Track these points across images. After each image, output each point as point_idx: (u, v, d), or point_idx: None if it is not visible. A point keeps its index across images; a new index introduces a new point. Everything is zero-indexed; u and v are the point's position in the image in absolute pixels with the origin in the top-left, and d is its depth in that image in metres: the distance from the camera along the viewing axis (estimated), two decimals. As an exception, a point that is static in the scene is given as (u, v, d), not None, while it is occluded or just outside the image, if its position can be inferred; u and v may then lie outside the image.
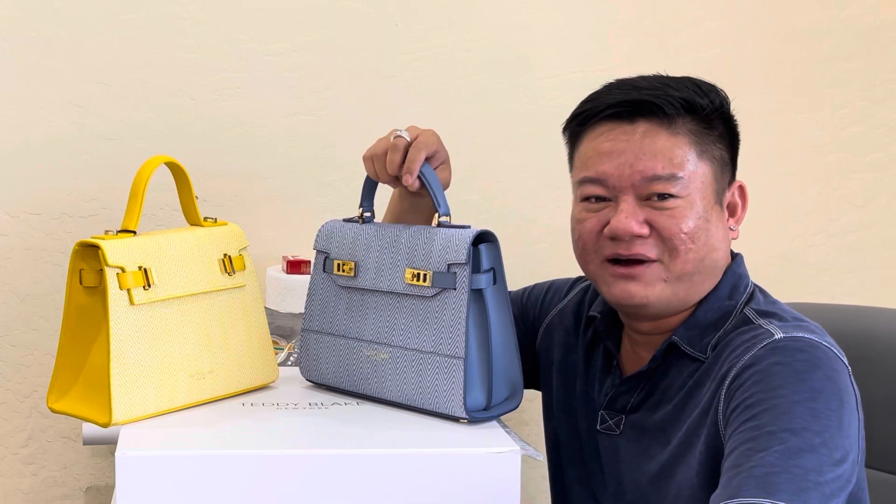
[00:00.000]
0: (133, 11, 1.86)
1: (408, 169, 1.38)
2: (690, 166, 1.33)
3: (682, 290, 1.36)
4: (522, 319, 1.58)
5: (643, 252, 1.33)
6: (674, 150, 1.33)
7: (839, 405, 1.22)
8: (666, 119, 1.33)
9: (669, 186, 1.32)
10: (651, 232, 1.33)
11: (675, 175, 1.32)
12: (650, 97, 1.34)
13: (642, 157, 1.33)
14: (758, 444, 1.17)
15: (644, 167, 1.33)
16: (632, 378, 1.41)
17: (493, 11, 1.98)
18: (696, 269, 1.35)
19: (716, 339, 1.35)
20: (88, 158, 1.87)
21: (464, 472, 1.24)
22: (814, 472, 1.14)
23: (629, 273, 1.35)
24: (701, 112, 1.34)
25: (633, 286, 1.35)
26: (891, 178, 2.13)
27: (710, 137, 1.35)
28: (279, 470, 1.22)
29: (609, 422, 1.42)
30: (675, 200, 1.33)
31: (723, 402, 1.27)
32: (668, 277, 1.34)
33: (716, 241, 1.36)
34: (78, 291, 1.36)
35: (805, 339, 1.28)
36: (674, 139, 1.33)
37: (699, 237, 1.33)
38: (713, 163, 1.36)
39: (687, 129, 1.34)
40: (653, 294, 1.34)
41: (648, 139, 1.33)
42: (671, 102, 1.33)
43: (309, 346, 1.48)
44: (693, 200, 1.33)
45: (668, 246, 1.33)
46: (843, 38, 2.09)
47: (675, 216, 1.32)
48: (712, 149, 1.36)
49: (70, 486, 1.93)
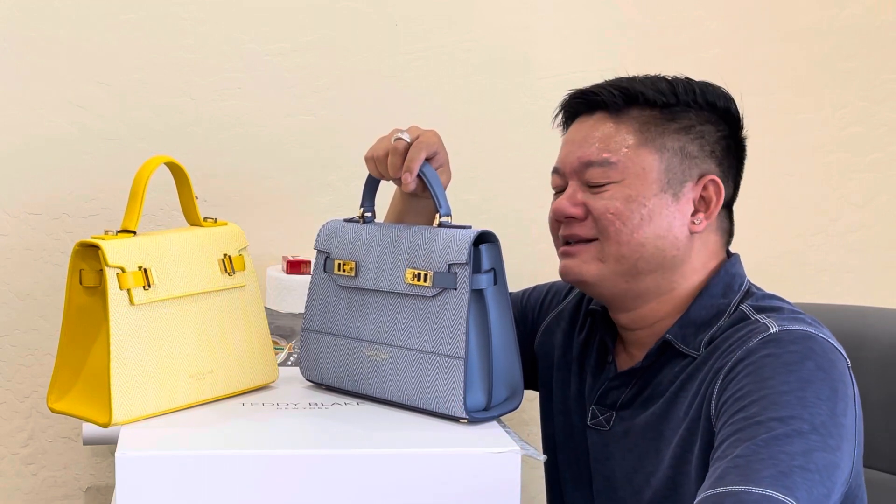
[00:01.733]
0: (133, 11, 1.86)
1: (407, 168, 1.38)
2: (627, 152, 1.38)
3: (625, 274, 1.38)
4: (522, 321, 1.59)
5: (578, 233, 1.40)
6: (613, 138, 1.39)
7: (831, 394, 1.21)
8: (614, 109, 1.40)
9: (602, 173, 1.39)
10: (588, 215, 1.39)
11: (607, 161, 1.38)
12: (596, 89, 1.42)
13: (584, 144, 1.41)
14: (745, 433, 1.17)
15: (582, 154, 1.40)
16: (624, 374, 1.42)
17: (493, 11, 1.98)
18: (635, 254, 1.37)
19: (709, 337, 1.36)
20: (88, 158, 1.87)
21: (464, 472, 1.24)
22: (801, 456, 1.13)
23: (567, 251, 1.42)
24: (646, 102, 1.39)
25: (569, 262, 1.41)
26: (891, 178, 2.13)
27: (664, 128, 1.39)
28: (279, 470, 1.22)
29: (599, 417, 1.43)
30: (611, 185, 1.38)
31: (715, 396, 1.28)
32: (604, 258, 1.39)
33: (660, 230, 1.37)
34: (78, 291, 1.36)
35: (799, 331, 1.28)
36: (616, 127, 1.40)
37: (631, 220, 1.37)
38: (663, 153, 1.38)
39: (634, 119, 1.40)
40: (588, 272, 1.40)
41: (596, 128, 1.41)
42: (611, 93, 1.41)
43: (309, 346, 1.48)
44: (628, 185, 1.38)
45: (600, 227, 1.38)
46: (843, 38, 2.09)
47: (606, 198, 1.38)
48: (664, 139, 1.38)
49: (70, 486, 1.93)
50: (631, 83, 1.41)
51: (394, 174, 1.41)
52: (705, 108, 1.40)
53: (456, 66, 1.97)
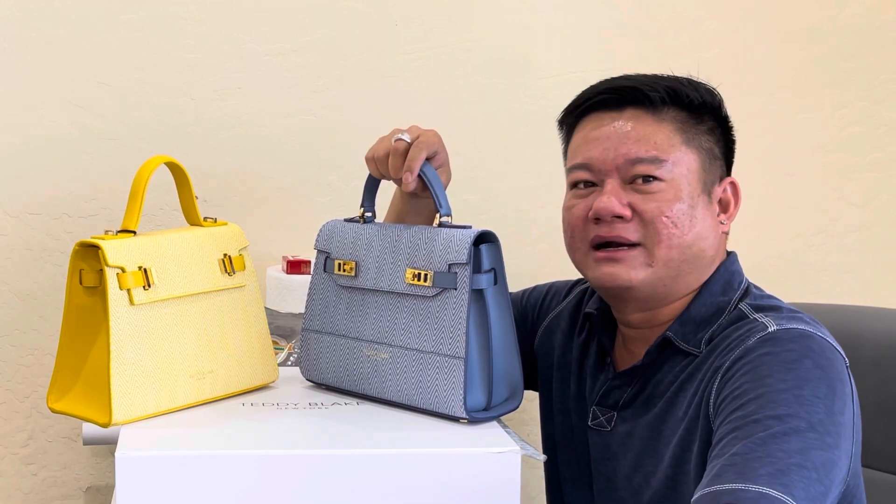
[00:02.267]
0: (133, 11, 1.86)
1: (408, 168, 1.38)
2: (675, 151, 1.36)
3: (669, 277, 1.36)
4: (522, 321, 1.58)
5: (624, 235, 1.35)
6: (658, 135, 1.36)
7: (829, 392, 1.21)
8: (651, 106, 1.37)
9: (653, 169, 1.35)
10: (633, 216, 1.35)
11: (658, 158, 1.35)
12: (636, 84, 1.38)
13: (626, 141, 1.36)
14: (742, 431, 1.17)
15: (628, 150, 1.36)
16: (625, 373, 1.41)
17: (493, 11, 1.98)
18: (682, 257, 1.35)
19: (710, 334, 1.36)
20: (88, 158, 1.87)
21: (464, 472, 1.24)
22: (798, 454, 1.13)
23: (612, 256, 1.36)
24: (687, 102, 1.37)
25: (615, 268, 1.36)
26: (891, 178, 2.13)
27: (697, 129, 1.38)
28: (279, 470, 1.22)
29: (601, 418, 1.43)
30: (659, 184, 1.35)
31: (714, 394, 1.28)
32: (653, 262, 1.35)
33: (702, 230, 1.37)
34: (78, 291, 1.36)
35: (797, 330, 1.28)
36: (658, 125, 1.37)
37: (682, 222, 1.34)
38: (700, 152, 1.38)
39: (672, 117, 1.37)
40: (636, 277, 1.35)
41: (633, 125, 1.37)
42: (656, 89, 1.37)
43: (309, 345, 1.48)
44: (677, 185, 1.35)
45: (650, 230, 1.34)
46: (843, 38, 2.09)
47: (658, 200, 1.34)
48: (700, 139, 1.38)
49: (70, 486, 1.93)
50: (666, 81, 1.39)
51: (394, 175, 1.41)
52: (715, 109, 1.41)
53: (456, 66, 1.97)
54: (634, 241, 1.35)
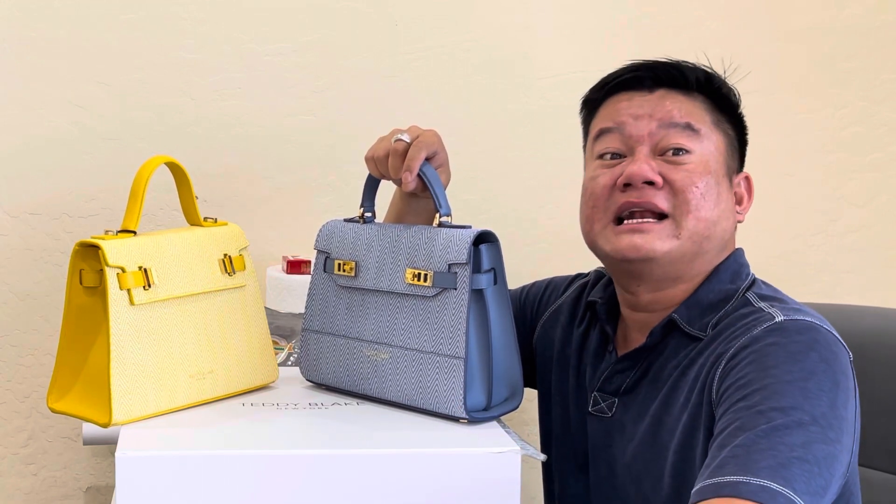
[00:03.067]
0: (133, 11, 1.86)
1: (407, 168, 1.38)
2: (706, 127, 1.37)
3: (691, 253, 1.36)
4: (521, 317, 1.59)
5: (655, 202, 1.34)
6: (692, 110, 1.38)
7: (833, 386, 1.21)
8: (684, 88, 1.39)
9: (685, 138, 1.36)
10: (664, 185, 1.35)
11: (691, 125, 1.36)
12: (672, 64, 1.40)
13: (660, 109, 1.37)
14: (745, 423, 1.17)
15: (662, 116, 1.37)
16: (628, 356, 1.41)
17: (493, 11, 1.98)
18: (706, 232, 1.36)
19: (716, 319, 1.36)
20: (88, 158, 1.87)
21: (464, 472, 1.24)
22: (800, 447, 1.13)
23: (637, 227, 1.35)
24: (716, 89, 1.40)
25: (639, 238, 1.35)
26: (891, 178, 2.13)
27: (723, 115, 1.40)
28: (279, 470, 1.22)
29: (601, 404, 1.43)
30: (689, 156, 1.36)
31: (717, 381, 1.28)
32: (680, 234, 1.35)
33: (725, 211, 1.38)
34: (78, 291, 1.36)
35: (804, 322, 1.29)
36: (692, 102, 1.38)
37: (710, 197, 1.35)
38: (727, 136, 1.40)
39: (702, 101, 1.39)
40: (661, 248, 1.34)
41: (667, 100, 1.38)
42: (692, 71, 1.39)
43: (309, 345, 1.48)
44: (706, 161, 1.36)
45: (681, 199, 1.34)
46: (843, 38, 2.09)
47: (690, 170, 1.35)
48: (725, 125, 1.40)
49: (70, 486, 1.93)
50: (700, 70, 1.41)
51: (394, 175, 1.41)
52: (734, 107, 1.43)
53: (456, 66, 1.97)
54: (664, 210, 1.35)
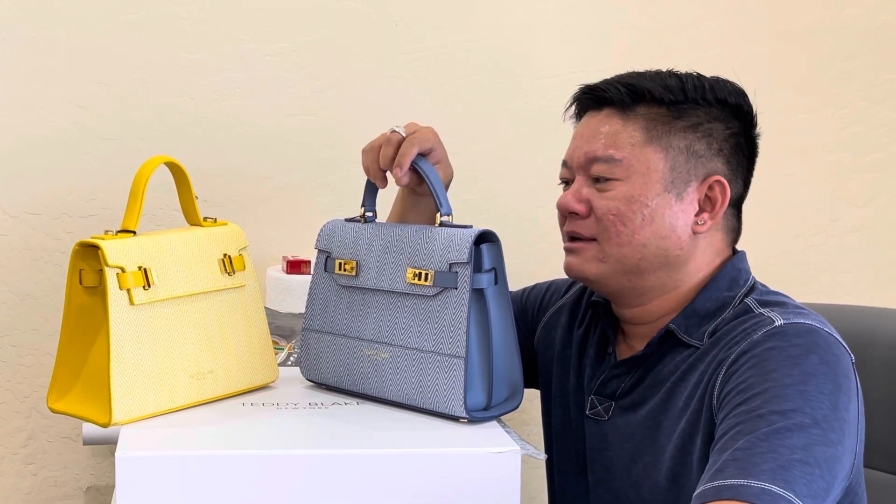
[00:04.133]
0: (133, 11, 1.86)
1: (398, 163, 1.39)
2: (634, 150, 1.37)
3: (631, 274, 1.38)
4: (522, 318, 1.59)
5: (577, 230, 1.41)
6: (619, 135, 1.39)
7: (834, 388, 1.21)
8: (622, 106, 1.40)
9: (606, 168, 1.38)
10: (590, 213, 1.39)
11: (612, 157, 1.38)
12: (603, 85, 1.42)
13: (591, 139, 1.40)
14: (745, 426, 1.17)
15: (588, 149, 1.40)
16: (625, 362, 1.42)
17: (493, 11, 1.98)
18: (637, 255, 1.37)
19: (713, 328, 1.36)
20: (88, 158, 1.87)
21: (464, 472, 1.24)
22: (801, 450, 1.13)
23: (570, 247, 1.42)
24: (653, 99, 1.38)
25: (572, 259, 1.42)
26: (891, 178, 2.13)
27: (671, 126, 1.38)
28: (279, 470, 1.22)
29: (598, 407, 1.43)
30: (614, 183, 1.38)
31: (718, 387, 1.28)
32: (605, 258, 1.39)
33: (662, 230, 1.37)
34: (78, 291, 1.36)
35: (804, 325, 1.28)
36: (624, 123, 1.39)
37: (632, 221, 1.36)
38: (669, 151, 1.37)
39: (641, 116, 1.39)
40: (589, 270, 1.40)
41: (604, 123, 1.40)
42: (617, 89, 1.40)
43: (309, 345, 1.48)
44: (632, 184, 1.37)
45: (601, 227, 1.38)
46: (843, 38, 2.09)
47: (609, 198, 1.38)
48: (670, 138, 1.38)
49: (70, 486, 1.93)
50: (640, 79, 1.40)
51: (384, 165, 1.41)
52: (715, 105, 1.39)
53: (456, 66, 1.97)
54: (589, 236, 1.39)
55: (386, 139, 1.41)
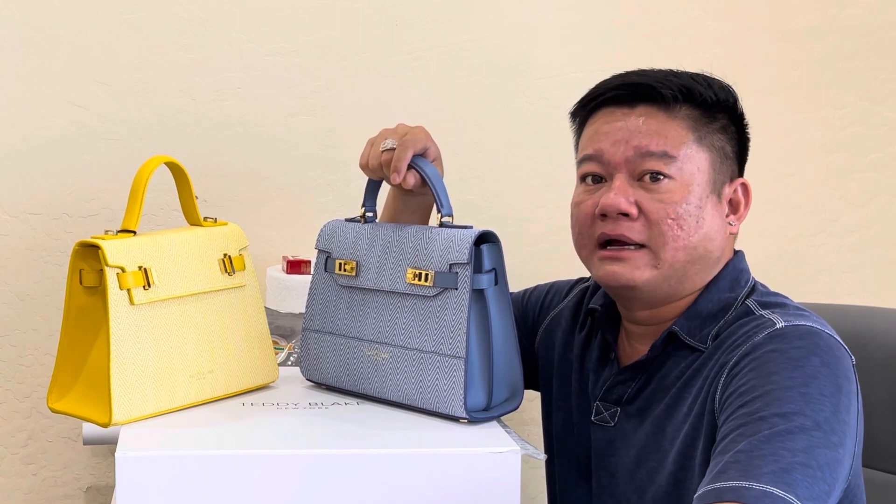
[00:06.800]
0: (133, 11, 1.86)
1: (394, 168, 1.39)
2: (685, 149, 1.34)
3: (675, 278, 1.36)
4: (523, 320, 1.58)
5: (627, 234, 1.34)
6: (669, 132, 1.35)
7: (835, 391, 1.21)
8: (664, 103, 1.36)
9: (662, 165, 1.34)
10: (640, 215, 1.34)
11: (667, 153, 1.34)
12: (649, 81, 1.37)
13: (637, 134, 1.35)
14: (747, 429, 1.17)
15: (638, 143, 1.34)
16: (630, 368, 1.41)
17: (493, 11, 1.98)
18: (688, 258, 1.35)
19: (716, 330, 1.35)
20: (88, 158, 1.87)
21: (464, 472, 1.24)
22: (802, 452, 1.13)
23: (616, 255, 1.35)
24: (700, 100, 1.36)
25: (617, 267, 1.35)
26: (891, 178, 2.13)
27: (710, 127, 1.37)
28: (279, 470, 1.22)
29: (604, 413, 1.43)
30: (667, 182, 1.34)
31: (720, 390, 1.28)
32: (659, 264, 1.34)
33: (709, 231, 1.36)
34: (78, 291, 1.36)
35: (805, 327, 1.28)
36: (671, 122, 1.35)
37: (688, 224, 1.33)
38: (712, 151, 1.37)
39: (685, 115, 1.36)
40: (640, 278, 1.34)
41: (645, 120, 1.35)
42: (669, 87, 1.35)
43: (310, 345, 1.48)
44: (686, 184, 1.34)
45: (656, 231, 1.33)
46: (843, 38, 2.09)
47: (665, 200, 1.33)
48: (712, 138, 1.37)
49: (70, 486, 1.93)
50: (687, 80, 1.37)
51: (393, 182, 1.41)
52: (729, 108, 1.40)
53: (456, 66, 1.97)
54: (638, 241, 1.34)
55: (384, 161, 1.40)
